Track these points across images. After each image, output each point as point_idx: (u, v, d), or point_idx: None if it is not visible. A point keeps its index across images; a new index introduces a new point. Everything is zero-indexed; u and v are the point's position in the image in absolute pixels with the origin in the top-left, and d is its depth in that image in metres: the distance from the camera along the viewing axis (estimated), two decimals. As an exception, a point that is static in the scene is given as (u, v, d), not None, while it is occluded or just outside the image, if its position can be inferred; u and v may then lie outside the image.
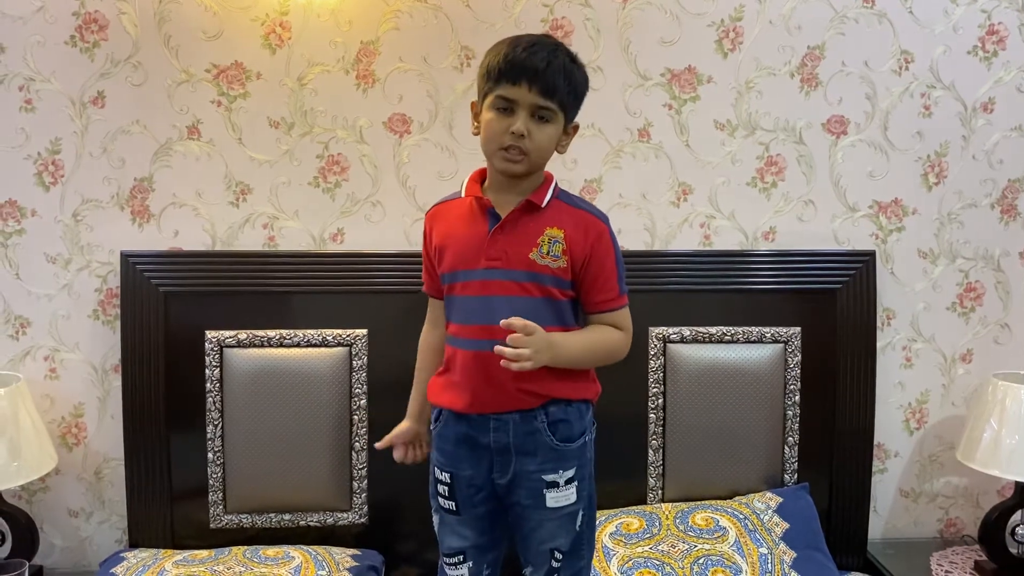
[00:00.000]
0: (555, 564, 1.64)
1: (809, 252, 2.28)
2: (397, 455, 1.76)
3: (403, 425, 1.76)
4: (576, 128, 1.63)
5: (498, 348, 1.48)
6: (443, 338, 1.69)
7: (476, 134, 1.61)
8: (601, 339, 1.62)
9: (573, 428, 1.61)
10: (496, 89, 1.54)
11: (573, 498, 1.62)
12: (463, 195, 1.63)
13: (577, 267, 1.59)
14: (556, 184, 1.63)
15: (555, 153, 1.61)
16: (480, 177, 1.65)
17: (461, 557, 1.66)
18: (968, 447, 2.21)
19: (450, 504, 1.65)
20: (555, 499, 1.60)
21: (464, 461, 1.63)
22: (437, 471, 1.67)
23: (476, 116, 1.62)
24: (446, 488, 1.65)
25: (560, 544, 1.62)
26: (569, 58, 1.56)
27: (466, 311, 1.59)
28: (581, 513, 1.64)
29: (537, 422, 1.59)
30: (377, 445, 1.77)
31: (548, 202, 1.60)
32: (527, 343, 1.48)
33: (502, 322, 1.49)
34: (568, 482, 1.61)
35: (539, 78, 1.51)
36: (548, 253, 1.57)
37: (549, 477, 1.60)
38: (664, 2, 2.22)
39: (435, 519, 1.71)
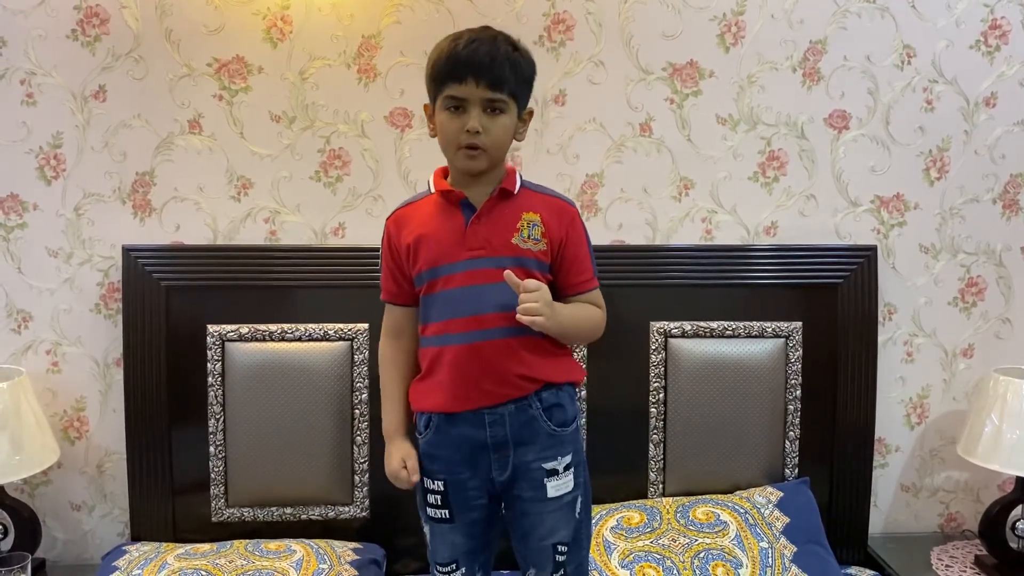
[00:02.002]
0: (559, 559, 1.63)
1: (810, 247, 2.28)
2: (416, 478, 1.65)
3: (408, 448, 1.66)
4: (531, 114, 1.64)
5: (518, 313, 1.50)
6: (411, 347, 1.68)
7: (433, 136, 1.62)
8: (587, 313, 1.66)
9: (567, 412, 1.63)
10: (445, 89, 1.54)
11: (571, 485, 1.62)
12: (432, 191, 1.63)
13: (555, 250, 1.61)
14: (519, 173, 1.64)
15: (516, 142, 1.63)
16: (445, 174, 1.65)
17: (454, 565, 1.66)
18: (969, 442, 2.21)
19: (443, 513, 1.64)
20: (555, 487, 1.60)
21: (461, 465, 1.62)
22: (427, 481, 1.65)
23: (430, 118, 1.61)
24: (438, 496, 1.64)
25: (562, 537, 1.62)
26: (512, 47, 1.56)
27: (452, 305, 1.58)
28: (579, 500, 1.64)
29: (532, 410, 1.59)
30: (415, 479, 1.64)
31: (519, 189, 1.62)
32: (536, 297, 1.51)
33: (505, 272, 1.51)
34: (567, 468, 1.62)
35: (485, 72, 1.51)
36: (529, 237, 1.58)
37: (549, 465, 1.60)
38: (666, -4, 2.22)
39: (425, 528, 1.69)
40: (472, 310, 1.56)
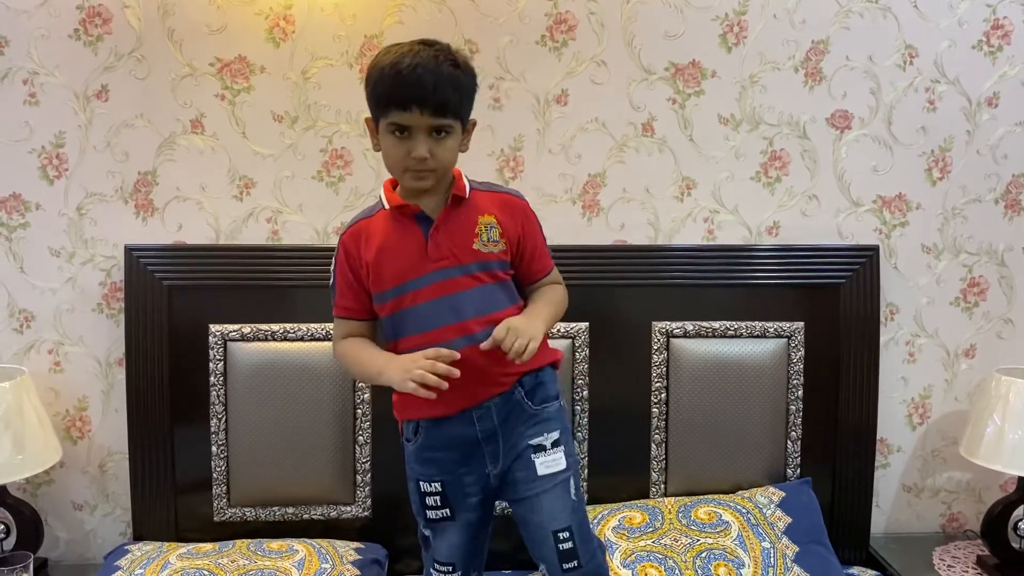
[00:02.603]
0: (563, 547, 1.58)
1: (813, 247, 2.28)
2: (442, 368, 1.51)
3: (404, 357, 1.55)
4: (474, 124, 1.64)
5: (516, 359, 1.51)
6: (368, 337, 1.69)
7: (377, 151, 1.62)
8: (555, 298, 1.70)
9: (548, 389, 1.65)
10: (388, 116, 1.54)
11: (563, 463, 1.62)
12: (386, 206, 1.62)
13: (513, 248, 1.64)
14: (464, 176, 1.65)
15: (461, 153, 1.63)
16: (394, 185, 1.65)
17: (451, 567, 1.67)
18: (971, 442, 2.21)
19: (443, 512, 1.65)
20: (545, 464, 1.61)
21: (455, 463, 1.63)
22: (424, 484, 1.65)
23: (373, 133, 1.61)
24: (437, 498, 1.64)
25: (560, 523, 1.59)
26: (452, 64, 1.54)
27: (426, 318, 1.59)
28: (572, 480, 1.63)
29: (515, 396, 1.62)
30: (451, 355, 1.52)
31: (469, 192, 1.63)
32: (515, 334, 1.52)
33: (482, 346, 1.52)
34: (555, 445, 1.62)
35: (429, 98, 1.50)
36: (489, 240, 1.61)
37: (535, 441, 1.61)
38: (668, -4, 2.22)
39: (426, 532, 1.70)
40: (450, 319, 1.57)
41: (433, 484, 1.64)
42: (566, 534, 1.59)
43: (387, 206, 1.63)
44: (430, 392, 1.49)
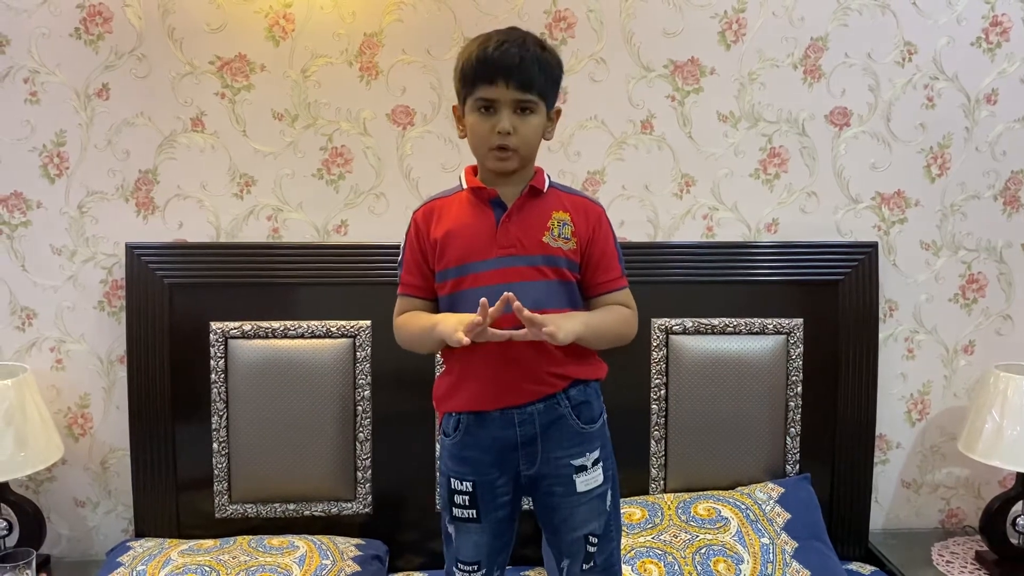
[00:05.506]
0: (590, 549, 1.63)
1: (812, 244, 2.28)
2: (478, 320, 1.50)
3: (454, 317, 1.55)
4: (559, 113, 1.65)
5: (527, 333, 1.48)
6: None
7: (463, 137, 1.63)
8: (618, 316, 1.65)
9: (594, 409, 1.64)
10: (475, 91, 1.55)
11: (601, 479, 1.63)
12: (464, 187, 1.63)
13: (582, 249, 1.62)
14: (547, 174, 1.65)
15: (544, 141, 1.63)
16: (475, 171, 1.66)
17: (477, 566, 1.66)
18: (970, 438, 2.22)
19: (470, 512, 1.63)
20: (585, 483, 1.62)
21: (490, 466, 1.62)
22: (455, 482, 1.64)
23: (460, 120, 1.63)
24: (466, 497, 1.63)
25: (593, 528, 1.63)
26: (540, 47, 1.58)
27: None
28: (608, 493, 1.65)
29: (561, 408, 1.60)
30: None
31: (547, 188, 1.63)
32: (543, 321, 1.48)
33: (523, 313, 1.48)
34: (595, 463, 1.63)
35: (515, 74, 1.53)
36: (560, 235, 1.60)
37: (577, 462, 1.61)
38: (667, -6, 2.22)
39: (450, 528, 1.68)
40: (507, 307, 1.53)
41: (465, 483, 1.63)
42: (595, 538, 1.64)
43: (465, 187, 1.63)
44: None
